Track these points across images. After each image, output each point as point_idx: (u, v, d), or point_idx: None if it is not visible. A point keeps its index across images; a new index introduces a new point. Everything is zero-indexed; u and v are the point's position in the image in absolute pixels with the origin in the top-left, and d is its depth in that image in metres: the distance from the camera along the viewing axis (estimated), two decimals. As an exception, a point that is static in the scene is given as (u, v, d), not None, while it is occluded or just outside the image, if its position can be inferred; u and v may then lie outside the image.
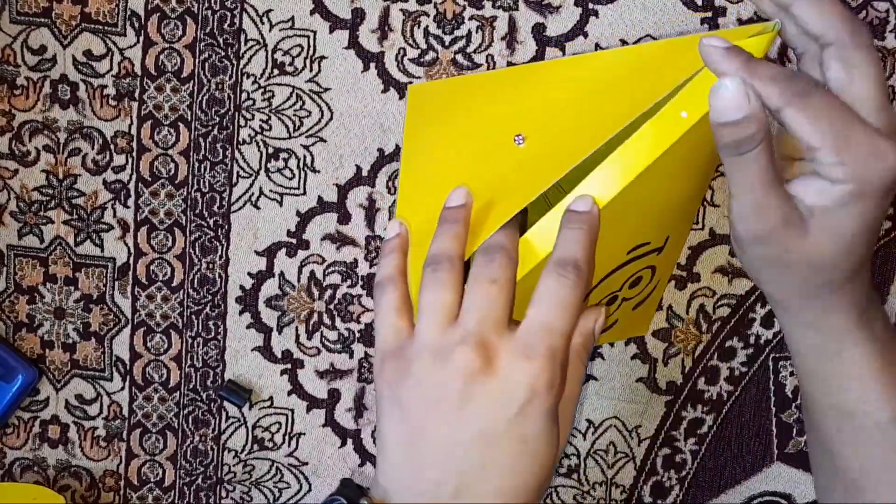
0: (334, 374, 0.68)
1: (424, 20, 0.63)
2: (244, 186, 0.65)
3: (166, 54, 0.64)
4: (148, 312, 0.67)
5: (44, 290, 0.67)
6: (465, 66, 0.63)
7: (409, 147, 0.54)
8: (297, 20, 0.63)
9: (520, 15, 0.63)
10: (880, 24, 0.62)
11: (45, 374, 0.68)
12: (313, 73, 0.64)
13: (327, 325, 0.67)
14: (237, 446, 0.69)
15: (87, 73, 0.65)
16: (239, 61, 0.64)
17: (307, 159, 0.65)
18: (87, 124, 0.65)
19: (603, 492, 0.69)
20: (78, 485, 0.70)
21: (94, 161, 0.66)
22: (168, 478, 0.69)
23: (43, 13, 0.64)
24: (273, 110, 0.64)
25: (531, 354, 0.42)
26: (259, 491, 0.70)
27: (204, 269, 0.67)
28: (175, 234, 0.66)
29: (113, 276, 0.67)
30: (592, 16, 0.62)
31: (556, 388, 0.42)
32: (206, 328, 0.67)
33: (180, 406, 0.68)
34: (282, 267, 0.66)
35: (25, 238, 0.67)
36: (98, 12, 0.64)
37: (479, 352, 0.42)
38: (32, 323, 0.68)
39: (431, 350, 0.43)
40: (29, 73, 0.65)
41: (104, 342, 0.68)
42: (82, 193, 0.66)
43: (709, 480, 0.68)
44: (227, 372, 0.68)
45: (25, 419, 0.69)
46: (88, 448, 0.69)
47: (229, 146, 0.65)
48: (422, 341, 0.43)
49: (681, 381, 0.67)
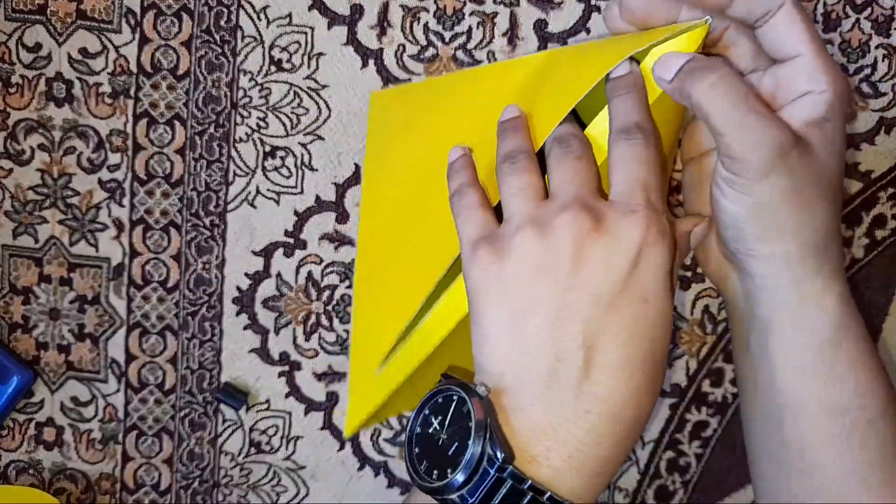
0: (332, 376, 0.67)
1: (424, 16, 0.62)
2: (241, 185, 0.65)
3: (162, 51, 0.63)
4: (143, 313, 0.66)
5: (38, 291, 0.67)
6: (466, 63, 0.62)
7: (371, 155, 0.54)
8: (295, 16, 0.62)
9: (521, 11, 0.62)
10: (886, 20, 0.61)
11: (40, 376, 0.68)
12: (311, 69, 0.63)
13: (325, 326, 0.66)
14: (234, 449, 0.68)
15: (82, 70, 0.64)
16: (236, 58, 0.63)
17: (305, 157, 0.64)
18: (83, 122, 0.64)
19: (606, 496, 0.68)
20: (73, 488, 0.69)
21: (89, 160, 0.65)
22: (164, 481, 0.69)
23: (38, 10, 0.63)
24: (270, 108, 0.64)
25: (635, 208, 0.40)
26: (256, 494, 0.69)
27: (200, 269, 0.66)
28: (171, 233, 0.65)
29: (108, 276, 0.66)
30: (595, 11, 0.62)
31: (667, 239, 0.41)
32: (203, 329, 0.66)
33: (176, 408, 0.67)
34: (279, 267, 0.65)
35: (20, 238, 0.66)
36: (93, 9, 0.63)
37: (586, 213, 0.40)
38: (27, 324, 0.67)
39: (533, 222, 0.41)
40: (24, 70, 0.64)
41: (99, 344, 0.67)
42: (77, 193, 0.65)
43: (713, 484, 0.67)
44: (224, 374, 0.67)
45: (20, 421, 0.68)
46: (84, 451, 0.69)
47: (226, 144, 0.64)
48: (520, 217, 0.42)
49: (685, 383, 0.66)
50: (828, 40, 0.62)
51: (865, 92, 0.62)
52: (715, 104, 0.41)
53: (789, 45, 0.44)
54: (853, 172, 0.63)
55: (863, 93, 0.62)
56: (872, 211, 0.63)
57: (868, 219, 0.64)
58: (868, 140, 0.62)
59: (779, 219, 0.43)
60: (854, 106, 0.62)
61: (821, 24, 0.61)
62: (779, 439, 0.46)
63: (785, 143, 0.41)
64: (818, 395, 0.45)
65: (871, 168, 0.63)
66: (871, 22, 0.61)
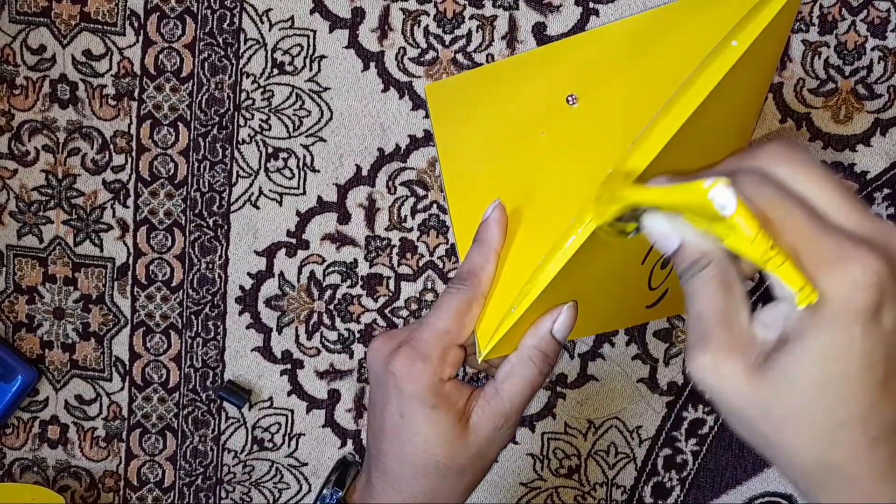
0: (334, 374, 0.67)
1: (424, 19, 0.63)
2: (244, 186, 0.65)
3: (166, 54, 0.64)
4: (147, 312, 0.67)
5: (43, 291, 0.67)
6: (466, 66, 0.63)
7: (444, 145, 0.54)
8: (297, 19, 0.63)
9: (520, 14, 0.62)
10: (882, 23, 0.62)
11: (45, 375, 0.68)
12: (313, 72, 0.64)
13: (327, 325, 0.67)
14: (237, 447, 0.69)
15: (86, 72, 0.64)
16: (238, 61, 0.64)
17: (307, 159, 0.65)
18: (87, 124, 0.65)
19: (604, 492, 0.69)
20: (77, 485, 0.70)
21: (93, 161, 0.65)
22: (168, 478, 0.69)
23: (42, 13, 0.64)
24: (273, 110, 0.64)
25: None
26: (259, 491, 0.69)
27: (203, 269, 0.66)
28: (174, 233, 0.66)
29: (112, 276, 0.67)
30: (593, 15, 0.62)
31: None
32: (206, 328, 0.67)
33: (180, 406, 0.68)
34: (281, 267, 0.66)
35: (25, 238, 0.67)
36: (97, 12, 0.64)
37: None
38: (32, 323, 0.68)
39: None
40: (28, 72, 0.65)
41: (104, 342, 0.68)
42: (81, 193, 0.66)
43: (710, 481, 0.68)
44: (227, 372, 0.68)
45: (25, 419, 0.69)
46: (88, 448, 0.69)
47: (229, 146, 0.65)
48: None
49: (682, 381, 0.67)
50: (824, 43, 0.62)
51: (861, 94, 0.63)
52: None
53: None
54: (849, 173, 0.64)
55: (859, 95, 0.63)
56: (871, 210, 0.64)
57: (863, 219, 0.64)
58: (864, 141, 0.63)
59: None
60: (851, 108, 0.63)
61: (817, 26, 0.62)
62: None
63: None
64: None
65: (867, 169, 0.63)
66: (867, 24, 0.62)
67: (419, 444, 0.44)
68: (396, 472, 0.44)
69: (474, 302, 0.44)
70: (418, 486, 0.44)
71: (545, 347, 0.45)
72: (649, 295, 0.55)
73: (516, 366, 0.45)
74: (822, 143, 0.63)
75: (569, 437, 0.68)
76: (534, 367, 0.44)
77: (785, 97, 0.63)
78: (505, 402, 0.45)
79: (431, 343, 0.44)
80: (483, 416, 0.44)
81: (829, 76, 0.63)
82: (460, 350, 0.45)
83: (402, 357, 0.43)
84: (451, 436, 0.44)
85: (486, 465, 0.46)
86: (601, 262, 0.47)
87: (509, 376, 0.45)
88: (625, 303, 0.54)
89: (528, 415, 0.67)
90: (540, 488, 0.68)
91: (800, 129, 0.64)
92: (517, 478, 0.68)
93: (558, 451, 0.68)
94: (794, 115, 0.63)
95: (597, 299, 0.49)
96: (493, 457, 0.46)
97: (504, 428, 0.45)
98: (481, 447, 0.45)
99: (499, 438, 0.45)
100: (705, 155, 0.50)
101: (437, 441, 0.43)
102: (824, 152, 0.64)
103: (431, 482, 0.44)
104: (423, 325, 0.44)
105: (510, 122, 0.53)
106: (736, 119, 0.50)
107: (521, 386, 0.45)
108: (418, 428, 0.43)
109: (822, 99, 0.63)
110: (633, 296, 0.54)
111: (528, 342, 0.45)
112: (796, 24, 0.62)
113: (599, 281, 0.49)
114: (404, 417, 0.43)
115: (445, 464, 0.44)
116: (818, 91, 0.63)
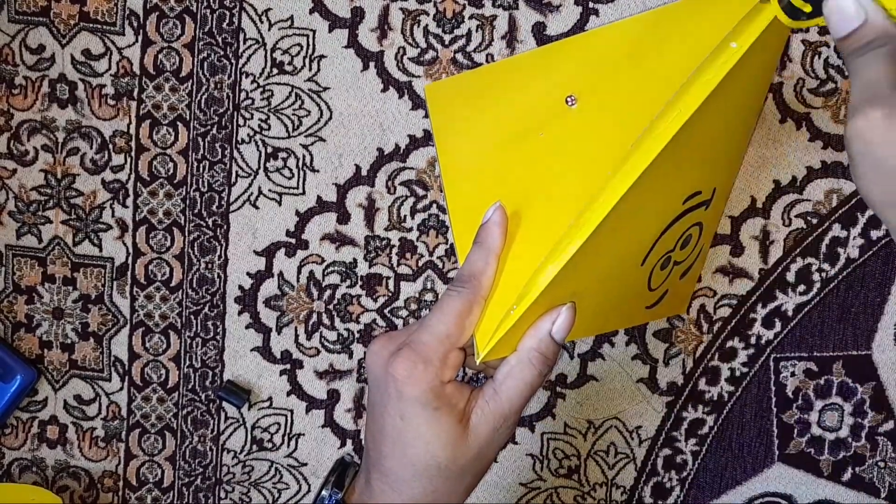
0: (334, 374, 0.67)
1: (424, 19, 0.63)
2: (243, 186, 0.65)
3: (165, 53, 0.64)
4: (146, 312, 0.67)
5: (42, 291, 0.67)
6: (465, 66, 0.63)
7: (443, 145, 0.54)
8: (297, 19, 0.63)
9: (520, 14, 0.62)
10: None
11: (44, 375, 0.68)
12: (312, 72, 0.64)
13: (326, 325, 0.67)
14: (236, 447, 0.69)
15: (85, 72, 0.64)
16: (238, 60, 0.64)
17: (306, 159, 0.65)
18: (86, 124, 0.65)
19: (604, 493, 0.69)
20: (76, 485, 0.70)
21: (92, 160, 0.65)
22: (167, 478, 0.69)
23: (41, 12, 0.64)
24: (272, 109, 0.64)
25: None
26: (258, 492, 0.69)
27: (203, 268, 0.66)
28: (174, 233, 0.66)
29: (111, 276, 0.67)
30: (593, 14, 0.62)
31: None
32: (205, 328, 0.67)
33: (179, 406, 0.68)
34: (281, 267, 0.66)
35: (24, 238, 0.66)
36: (96, 11, 0.64)
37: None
38: (31, 323, 0.68)
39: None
40: (27, 72, 0.65)
41: (103, 342, 0.67)
42: (81, 193, 0.66)
43: (709, 481, 0.68)
44: (226, 372, 0.68)
45: (24, 419, 0.69)
46: (87, 448, 0.69)
47: (228, 146, 0.65)
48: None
49: (681, 381, 0.67)
50: (824, 43, 0.62)
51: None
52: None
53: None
54: (848, 173, 0.64)
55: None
56: (868, 211, 0.64)
57: (863, 219, 0.64)
58: (863, 142, 0.63)
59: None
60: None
61: (817, 26, 0.62)
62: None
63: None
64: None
65: (866, 169, 0.63)
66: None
67: (421, 446, 0.44)
68: (397, 474, 0.44)
69: (475, 305, 0.45)
70: (419, 487, 0.44)
71: (544, 349, 0.45)
72: (649, 296, 0.55)
73: (515, 367, 0.45)
74: (821, 143, 0.64)
75: (568, 437, 0.68)
76: (533, 369, 0.45)
77: (785, 97, 0.63)
78: (504, 403, 0.45)
79: (432, 346, 0.44)
80: (483, 417, 0.44)
81: (829, 76, 0.63)
82: (460, 352, 0.45)
83: (402, 360, 0.43)
84: (453, 437, 0.44)
85: (486, 465, 0.46)
86: (601, 263, 0.47)
87: (508, 377, 0.45)
88: (624, 303, 0.54)
89: (527, 415, 0.67)
90: (539, 488, 0.68)
91: (800, 129, 0.64)
92: (517, 478, 0.68)
93: (558, 452, 0.68)
94: (794, 115, 0.63)
95: (596, 300, 0.49)
96: (492, 457, 0.46)
97: (503, 429, 0.45)
98: (481, 448, 0.45)
99: (498, 439, 0.45)
100: (705, 157, 0.50)
101: (438, 443, 0.43)
102: (824, 152, 0.64)
103: (433, 484, 0.44)
104: (423, 328, 0.44)
105: (509, 123, 0.53)
106: (736, 120, 0.50)
107: (520, 387, 0.45)
108: (420, 430, 0.43)
109: (822, 99, 0.63)
110: (632, 296, 0.54)
111: (527, 343, 0.45)
112: (796, 24, 0.62)
113: (599, 282, 0.49)
114: (405, 420, 0.43)
115: (447, 465, 0.44)
116: (818, 91, 0.63)
